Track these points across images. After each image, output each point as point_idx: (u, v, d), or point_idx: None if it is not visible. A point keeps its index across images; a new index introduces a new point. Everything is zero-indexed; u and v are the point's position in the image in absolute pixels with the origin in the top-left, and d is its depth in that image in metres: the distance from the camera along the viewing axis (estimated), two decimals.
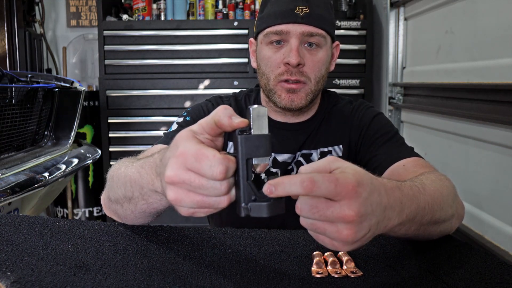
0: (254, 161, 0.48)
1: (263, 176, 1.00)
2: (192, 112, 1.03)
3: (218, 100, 1.07)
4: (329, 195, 0.46)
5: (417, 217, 0.59)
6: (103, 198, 0.80)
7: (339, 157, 0.98)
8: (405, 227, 0.58)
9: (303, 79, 0.93)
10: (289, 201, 0.50)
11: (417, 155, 0.92)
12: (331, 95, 1.10)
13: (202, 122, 0.51)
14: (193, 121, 0.99)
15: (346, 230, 0.47)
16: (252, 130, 0.49)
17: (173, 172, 0.48)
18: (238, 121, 0.49)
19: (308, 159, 1.01)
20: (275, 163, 1.01)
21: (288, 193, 0.46)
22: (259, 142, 0.48)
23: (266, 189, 0.46)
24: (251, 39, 1.05)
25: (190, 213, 0.50)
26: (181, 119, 1.01)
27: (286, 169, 1.02)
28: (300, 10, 0.91)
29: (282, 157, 1.01)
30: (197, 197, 0.48)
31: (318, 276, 0.59)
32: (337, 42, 1.02)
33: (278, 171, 1.01)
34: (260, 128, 0.49)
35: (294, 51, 0.91)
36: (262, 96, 1.06)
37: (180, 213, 0.51)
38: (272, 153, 1.01)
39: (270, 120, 1.03)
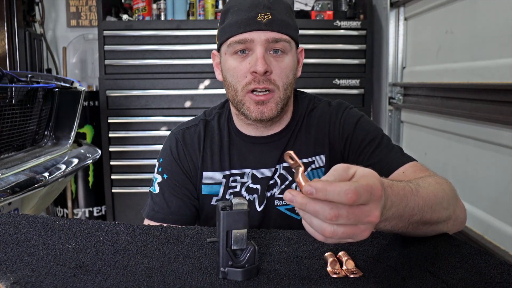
0: (233, 232, 0.58)
1: (243, 193, 0.98)
2: (166, 164, 1.01)
3: (185, 133, 1.03)
4: (364, 202, 0.49)
5: (404, 215, 0.63)
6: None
7: (322, 166, 0.99)
8: (390, 223, 0.62)
9: (271, 87, 0.90)
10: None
11: (411, 158, 0.93)
12: (305, 99, 1.05)
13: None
14: (171, 176, 1.00)
15: (368, 230, 0.51)
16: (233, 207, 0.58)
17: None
18: None
19: (291, 171, 0.98)
20: (255, 179, 0.98)
21: (326, 199, 0.48)
22: (239, 217, 0.58)
23: (307, 189, 0.48)
24: (214, 52, 1.01)
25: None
26: (159, 178, 1.01)
27: (268, 184, 0.98)
28: (263, 17, 0.88)
29: (261, 173, 0.98)
30: None
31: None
32: (301, 48, 1.00)
33: (259, 186, 0.98)
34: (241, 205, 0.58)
35: (260, 59, 0.88)
36: (232, 109, 1.02)
37: None
38: (250, 169, 0.99)
39: (243, 135, 1.01)
